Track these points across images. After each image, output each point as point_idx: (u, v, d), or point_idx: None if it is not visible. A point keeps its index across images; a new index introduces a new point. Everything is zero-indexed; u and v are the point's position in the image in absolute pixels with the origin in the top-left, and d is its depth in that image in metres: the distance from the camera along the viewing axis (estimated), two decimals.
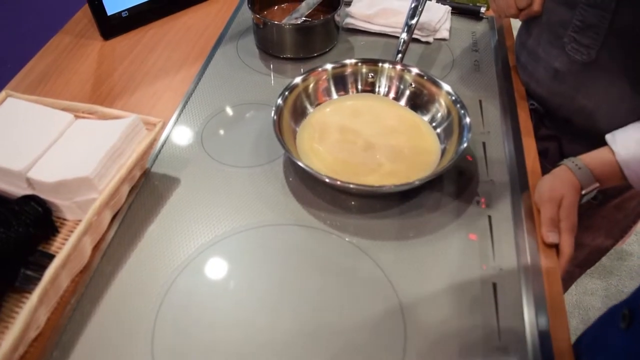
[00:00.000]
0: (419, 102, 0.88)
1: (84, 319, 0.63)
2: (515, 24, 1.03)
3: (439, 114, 0.85)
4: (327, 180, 0.72)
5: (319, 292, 0.66)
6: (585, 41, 0.80)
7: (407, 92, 0.89)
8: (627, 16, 0.73)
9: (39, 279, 0.58)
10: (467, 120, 0.79)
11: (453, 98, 0.83)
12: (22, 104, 0.78)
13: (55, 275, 0.59)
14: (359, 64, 0.90)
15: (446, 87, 0.84)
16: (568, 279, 1.14)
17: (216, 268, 0.68)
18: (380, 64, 0.90)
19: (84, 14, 1.17)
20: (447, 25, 1.10)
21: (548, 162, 0.89)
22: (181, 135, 0.87)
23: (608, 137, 0.77)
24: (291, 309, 0.64)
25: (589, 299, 1.85)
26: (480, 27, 1.13)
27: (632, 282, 1.89)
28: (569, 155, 0.78)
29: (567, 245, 0.71)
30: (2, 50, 1.49)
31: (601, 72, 0.80)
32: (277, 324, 0.63)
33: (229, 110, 0.92)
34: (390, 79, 0.90)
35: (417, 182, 0.72)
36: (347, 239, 0.72)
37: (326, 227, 0.73)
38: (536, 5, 0.88)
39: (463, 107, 0.81)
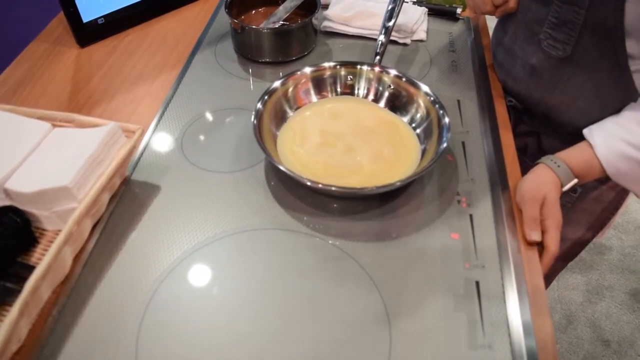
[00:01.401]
0: (398, 104, 0.88)
1: (66, 331, 0.62)
2: (491, 23, 1.05)
3: (418, 115, 0.85)
4: (308, 183, 0.72)
5: (303, 295, 0.66)
6: (561, 37, 0.81)
7: (386, 94, 0.89)
8: (600, 11, 0.75)
9: (19, 291, 0.57)
10: (446, 120, 0.80)
11: (432, 98, 0.84)
12: None
13: (36, 286, 0.58)
14: (338, 66, 0.90)
15: (424, 87, 0.85)
16: (550, 274, 1.15)
17: (199, 275, 0.68)
18: (358, 67, 0.90)
19: (60, 21, 1.16)
20: (424, 26, 1.11)
21: (528, 158, 0.90)
22: (161, 141, 0.86)
23: (585, 131, 0.78)
24: (276, 314, 0.64)
25: (570, 294, 1.88)
26: (457, 28, 1.15)
27: (612, 276, 1.93)
28: (548, 150, 0.80)
29: (552, 242, 0.72)
30: None
31: (577, 67, 0.82)
32: (261, 330, 0.62)
33: (209, 116, 0.92)
34: (369, 81, 0.90)
35: (398, 183, 0.72)
36: (330, 242, 0.72)
37: (309, 230, 0.73)
38: (512, 2, 0.89)
39: (442, 107, 0.82)
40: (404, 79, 0.87)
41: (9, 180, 0.68)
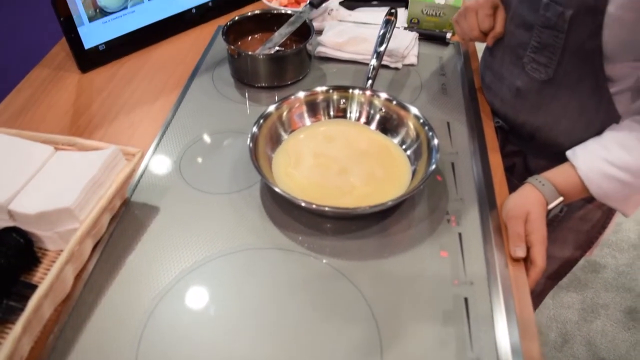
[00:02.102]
0: (389, 126, 0.91)
1: (67, 348, 0.64)
2: (480, 47, 1.08)
3: (409, 137, 0.88)
4: (303, 204, 0.74)
5: (297, 314, 0.68)
6: (543, 60, 0.85)
7: (378, 117, 0.93)
8: (579, 36, 0.78)
9: (21, 310, 0.59)
10: (435, 141, 0.82)
11: (421, 121, 0.87)
12: (1, 137, 0.80)
13: (38, 304, 0.60)
14: (330, 91, 0.93)
15: (414, 110, 0.88)
16: (541, 292, 1.17)
17: (196, 294, 0.70)
18: (350, 91, 0.93)
19: (62, 47, 1.19)
20: (415, 51, 1.14)
21: (515, 178, 0.93)
22: (160, 164, 0.89)
23: (569, 153, 0.81)
24: (271, 332, 0.66)
25: (565, 312, 1.89)
26: (447, 52, 1.18)
27: (607, 294, 1.94)
28: (535, 170, 0.82)
29: (539, 257, 0.74)
30: None
31: (559, 89, 0.85)
32: (256, 348, 0.64)
33: (206, 139, 0.94)
34: (360, 104, 0.93)
35: (390, 203, 0.75)
36: (324, 261, 0.74)
37: (304, 249, 0.76)
38: (498, 27, 0.93)
39: (431, 129, 0.85)
40: (394, 102, 0.91)
41: (12, 201, 0.70)
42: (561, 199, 0.80)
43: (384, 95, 0.92)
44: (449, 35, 1.19)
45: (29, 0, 1.78)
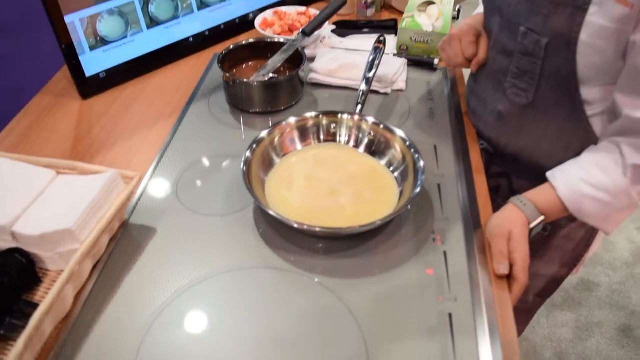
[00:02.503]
0: (377, 149, 0.95)
1: None
2: (467, 72, 1.13)
3: (396, 159, 0.92)
4: (295, 225, 0.78)
5: (289, 331, 0.71)
6: (523, 85, 0.89)
7: (366, 140, 0.96)
8: (555, 62, 0.83)
9: (23, 327, 0.62)
10: (421, 163, 0.86)
11: (407, 143, 0.90)
12: (5, 161, 0.83)
13: (40, 322, 0.63)
14: (320, 116, 0.97)
15: (400, 133, 0.92)
16: (530, 309, 1.20)
17: (191, 312, 0.73)
18: (339, 115, 0.97)
19: (63, 74, 1.23)
20: (404, 76, 1.19)
21: (500, 198, 0.97)
22: (157, 187, 0.93)
23: (548, 174, 0.85)
24: (264, 349, 0.69)
25: (560, 331, 1.91)
26: (435, 77, 1.23)
27: (601, 312, 1.96)
28: (519, 190, 0.86)
29: (521, 273, 0.77)
30: None
31: (539, 112, 0.89)
32: None
33: (203, 163, 0.98)
34: (349, 128, 0.97)
35: (378, 222, 0.78)
36: (316, 280, 0.77)
37: (296, 269, 0.79)
38: (481, 53, 0.97)
39: (417, 151, 0.89)
40: (381, 126, 0.95)
41: (15, 223, 0.74)
42: (542, 218, 0.83)
43: (371, 120, 0.96)
44: (436, 61, 1.23)
45: (33, 29, 1.83)
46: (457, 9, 1.58)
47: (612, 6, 0.75)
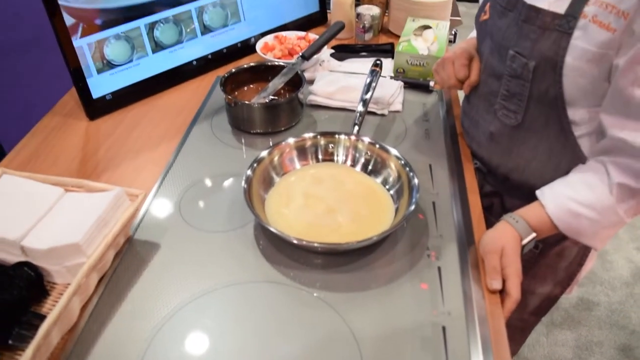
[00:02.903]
0: (373, 168, 0.99)
1: None
2: (462, 94, 1.17)
3: (391, 177, 0.95)
4: (294, 241, 0.81)
5: (288, 343, 0.73)
6: (512, 107, 0.92)
7: (362, 160, 1.00)
8: (542, 84, 0.86)
9: (31, 338, 0.65)
10: (416, 181, 0.89)
11: (402, 162, 0.94)
12: (16, 179, 0.87)
13: (47, 332, 0.66)
14: (318, 136, 1.01)
15: (395, 152, 0.96)
16: (525, 327, 1.22)
17: (193, 324, 0.75)
18: (337, 136, 1.01)
19: (71, 96, 1.27)
20: (400, 98, 1.22)
21: (493, 217, 0.99)
22: (161, 204, 0.96)
23: (538, 192, 0.88)
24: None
25: (560, 350, 1.91)
26: (430, 99, 1.26)
27: (600, 332, 1.97)
28: (511, 209, 0.89)
29: (513, 288, 0.80)
30: None
31: (528, 133, 0.93)
32: None
33: (205, 181, 1.01)
34: (346, 148, 1.01)
35: (374, 238, 0.81)
36: (315, 294, 0.80)
37: (295, 283, 0.81)
38: (473, 76, 1.01)
39: (411, 170, 0.92)
40: (377, 146, 0.98)
41: (25, 238, 0.77)
42: (534, 235, 0.85)
43: (367, 140, 0.99)
44: (432, 84, 1.27)
45: (43, 51, 1.89)
46: (453, 33, 1.63)
47: (596, 31, 0.79)
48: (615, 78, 0.80)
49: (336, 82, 1.22)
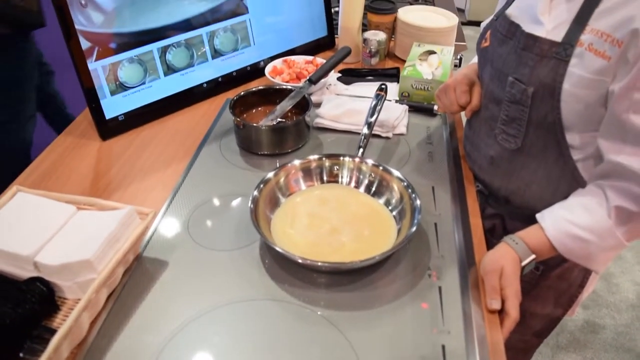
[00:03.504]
0: (376, 189, 1.01)
1: None
2: (465, 118, 1.19)
3: (394, 199, 0.97)
4: (299, 260, 0.83)
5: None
6: (512, 132, 0.95)
7: (366, 181, 1.02)
8: (541, 110, 0.89)
9: (42, 351, 0.67)
10: (418, 202, 0.92)
11: (405, 184, 0.96)
12: (30, 197, 0.90)
13: (58, 345, 0.68)
14: (323, 158, 1.04)
15: (398, 174, 0.98)
16: (528, 349, 1.22)
17: (199, 340, 0.77)
18: (341, 158, 1.04)
19: (84, 117, 1.31)
20: (405, 121, 1.25)
21: (495, 238, 1.01)
22: (170, 223, 0.98)
23: (538, 215, 0.90)
24: None
25: None
26: (434, 123, 1.29)
27: (606, 355, 1.96)
28: (513, 231, 0.91)
29: (512, 308, 0.82)
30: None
31: (528, 157, 0.95)
32: None
33: (213, 201, 1.04)
34: (351, 170, 1.04)
35: (377, 257, 0.83)
36: (319, 313, 0.81)
37: (299, 301, 0.83)
38: (475, 101, 1.04)
39: (414, 191, 0.94)
40: (380, 168, 1.01)
41: (38, 254, 0.79)
42: (533, 256, 0.87)
43: (370, 162, 1.02)
44: (436, 107, 1.30)
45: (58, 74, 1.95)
46: (459, 57, 1.66)
47: (592, 59, 0.81)
48: (611, 104, 0.82)
49: (342, 105, 1.25)
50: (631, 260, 2.37)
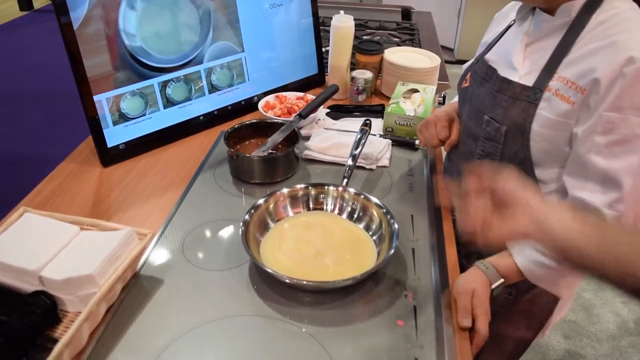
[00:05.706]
0: (358, 216, 1.09)
1: None
2: (445, 153, 1.28)
3: (374, 224, 1.05)
4: (287, 280, 0.90)
5: None
6: None
7: (349, 208, 1.10)
8: (512, 147, 0.98)
9: (44, 359, 0.73)
10: (395, 226, 0.99)
11: (384, 210, 1.04)
12: (36, 217, 0.97)
13: (59, 355, 0.74)
14: (310, 187, 1.12)
15: (376, 201, 1.06)
16: None
17: (190, 353, 0.83)
18: (326, 187, 1.12)
19: (87, 144, 1.38)
20: (388, 154, 1.33)
21: (469, 263, 1.08)
22: (166, 244, 1.05)
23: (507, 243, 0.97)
24: None
25: None
26: (416, 156, 1.37)
27: None
28: (487, 256, 0.98)
29: (482, 326, 0.89)
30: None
31: None
32: None
33: (207, 225, 1.11)
34: (334, 198, 1.11)
35: (358, 277, 0.90)
36: (304, 330, 0.88)
37: (286, 318, 0.89)
38: (453, 136, 1.13)
39: (392, 217, 1.02)
40: (362, 196, 1.08)
41: (43, 269, 0.86)
42: (502, 280, 0.95)
43: (352, 191, 1.10)
44: (417, 142, 1.38)
45: (62, 105, 2.04)
46: (442, 95, 1.77)
47: (558, 103, 0.91)
48: (575, 145, 0.91)
49: (330, 138, 1.33)
50: (611, 292, 2.44)
